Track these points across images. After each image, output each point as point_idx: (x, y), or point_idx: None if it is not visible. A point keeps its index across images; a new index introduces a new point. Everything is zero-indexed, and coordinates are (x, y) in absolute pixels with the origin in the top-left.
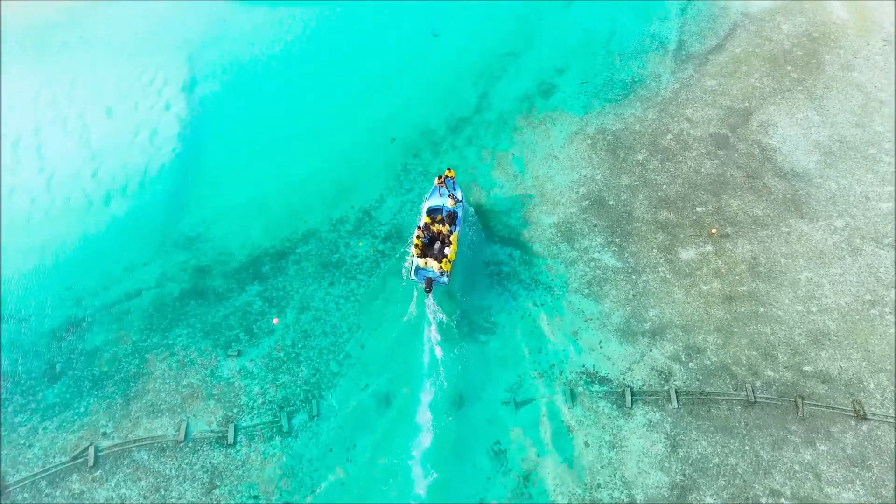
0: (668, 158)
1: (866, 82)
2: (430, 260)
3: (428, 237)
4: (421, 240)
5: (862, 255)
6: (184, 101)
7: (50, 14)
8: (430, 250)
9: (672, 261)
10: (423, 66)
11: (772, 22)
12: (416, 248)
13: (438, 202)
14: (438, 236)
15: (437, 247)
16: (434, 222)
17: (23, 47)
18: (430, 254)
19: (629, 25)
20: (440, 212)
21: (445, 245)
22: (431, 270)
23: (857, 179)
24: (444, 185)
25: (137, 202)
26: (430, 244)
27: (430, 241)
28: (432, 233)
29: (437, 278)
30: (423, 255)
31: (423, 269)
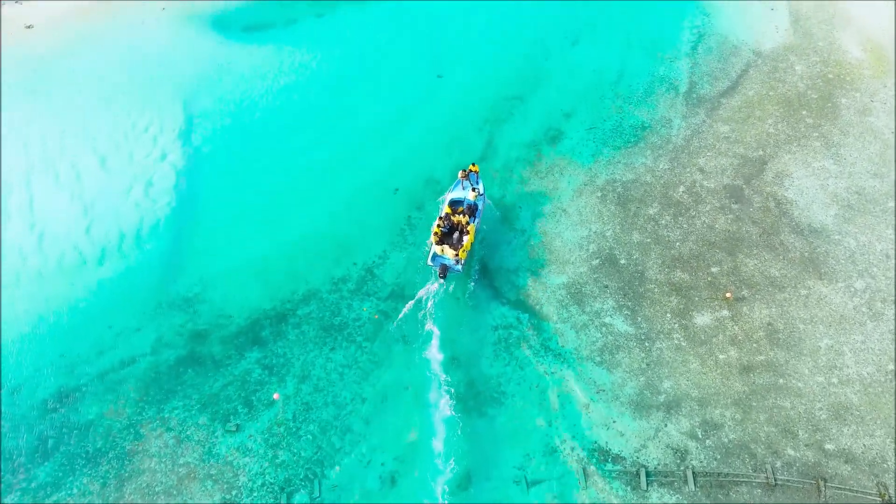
0: (681, 213)
1: (883, 128)
2: (447, 248)
3: (448, 226)
4: (441, 228)
5: (883, 319)
6: (179, 150)
7: (41, 57)
8: (448, 239)
9: (687, 326)
10: (428, 111)
11: (785, 62)
12: (434, 236)
13: (461, 194)
14: (458, 226)
15: (456, 236)
16: (455, 213)
17: (12, 93)
18: (448, 242)
19: (638, 65)
20: (461, 204)
21: (463, 235)
22: (447, 258)
23: (878, 236)
24: (467, 179)
25: (132, 260)
26: (450, 233)
27: (449, 230)
28: (452, 223)
29: (453, 266)
30: (441, 242)
31: (440, 257)
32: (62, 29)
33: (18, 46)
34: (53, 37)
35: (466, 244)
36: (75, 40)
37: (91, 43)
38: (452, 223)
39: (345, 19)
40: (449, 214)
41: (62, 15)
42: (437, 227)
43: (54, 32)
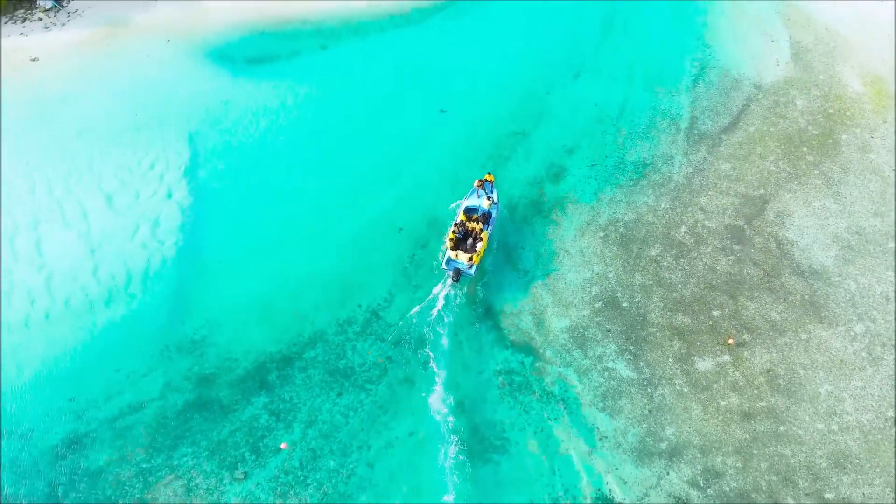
0: (683, 254)
1: (884, 165)
2: (461, 253)
3: (462, 233)
4: (456, 234)
5: (883, 365)
6: (185, 189)
7: (47, 90)
8: (462, 244)
9: (689, 372)
10: (431, 147)
11: (786, 96)
12: (449, 241)
13: (475, 202)
14: (472, 232)
15: (470, 242)
16: (469, 220)
17: (19, 129)
18: (462, 247)
19: (640, 99)
20: (476, 211)
21: (477, 241)
22: (461, 262)
23: (878, 278)
24: (482, 188)
25: (139, 302)
26: (464, 239)
27: (463, 236)
28: (467, 229)
29: (466, 270)
30: (456, 247)
31: (454, 261)
32: (67, 61)
33: (24, 79)
34: (58, 69)
35: (480, 250)
36: (80, 73)
37: (96, 76)
38: (467, 230)
39: (348, 51)
40: (464, 221)
41: (66, 47)
42: (453, 233)
43: (59, 65)
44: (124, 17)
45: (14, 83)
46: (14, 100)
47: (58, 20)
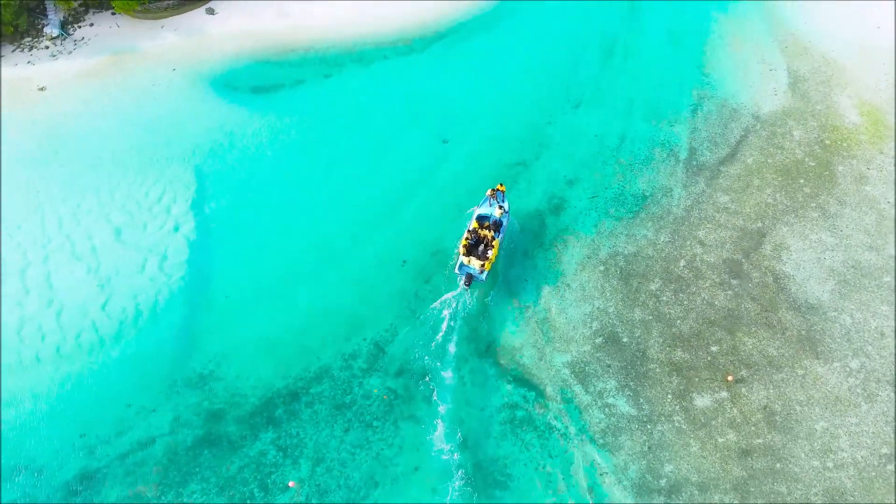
0: (682, 289)
1: (880, 197)
2: (474, 259)
3: (474, 239)
4: (468, 241)
5: (877, 401)
6: (192, 222)
7: (55, 121)
8: (474, 251)
9: (687, 409)
10: (434, 178)
11: (783, 127)
12: (462, 248)
13: (487, 211)
14: (483, 240)
15: (481, 249)
16: (482, 227)
17: (29, 161)
18: (474, 253)
19: (639, 130)
20: (488, 219)
21: (488, 248)
22: (473, 268)
23: (873, 312)
24: (494, 197)
25: (149, 337)
26: (476, 245)
27: (475, 242)
28: (479, 236)
29: (477, 275)
30: (469, 253)
31: (466, 266)
32: (75, 91)
33: (33, 109)
34: (66, 99)
35: (492, 257)
36: (88, 103)
37: (104, 106)
38: (479, 236)
39: (352, 80)
40: (476, 229)
41: (74, 76)
42: (465, 240)
43: (67, 94)
44: (131, 45)
45: (23, 113)
46: (23, 130)
47: (64, 48)
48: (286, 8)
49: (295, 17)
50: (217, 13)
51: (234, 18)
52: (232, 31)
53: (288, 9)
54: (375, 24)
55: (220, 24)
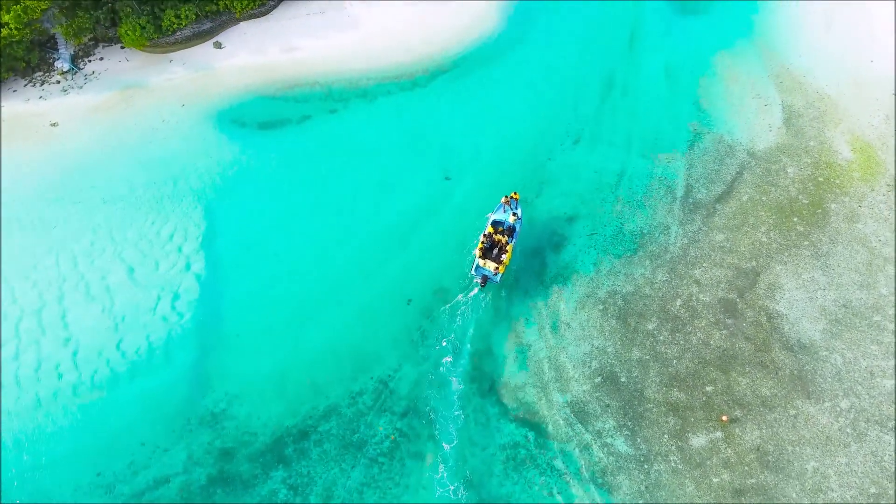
0: (678, 328)
1: (871, 235)
2: (489, 261)
3: (489, 243)
4: (484, 245)
5: (867, 441)
6: (202, 260)
7: (67, 157)
8: (490, 254)
9: (683, 448)
10: (437, 215)
11: (778, 164)
12: (478, 251)
13: (502, 217)
14: (498, 244)
15: (496, 252)
16: (496, 232)
17: (42, 200)
18: (489, 256)
19: (637, 166)
20: (503, 224)
21: (503, 252)
22: (488, 270)
23: (863, 352)
24: (508, 204)
25: (162, 376)
26: (491, 249)
27: (490, 246)
28: (493, 240)
29: (492, 277)
30: (484, 256)
31: (482, 269)
32: (86, 126)
33: (45, 145)
34: (78, 135)
35: (506, 260)
36: (100, 140)
37: (115, 142)
38: (494, 241)
39: (356, 116)
40: (491, 233)
41: (85, 111)
42: (481, 243)
43: (79, 130)
44: (140, 80)
45: (36, 149)
46: (37, 167)
47: (75, 83)
48: (292, 42)
49: (300, 52)
50: (224, 47)
51: (242, 53)
52: (239, 66)
53: (293, 43)
54: (379, 58)
55: (227, 59)
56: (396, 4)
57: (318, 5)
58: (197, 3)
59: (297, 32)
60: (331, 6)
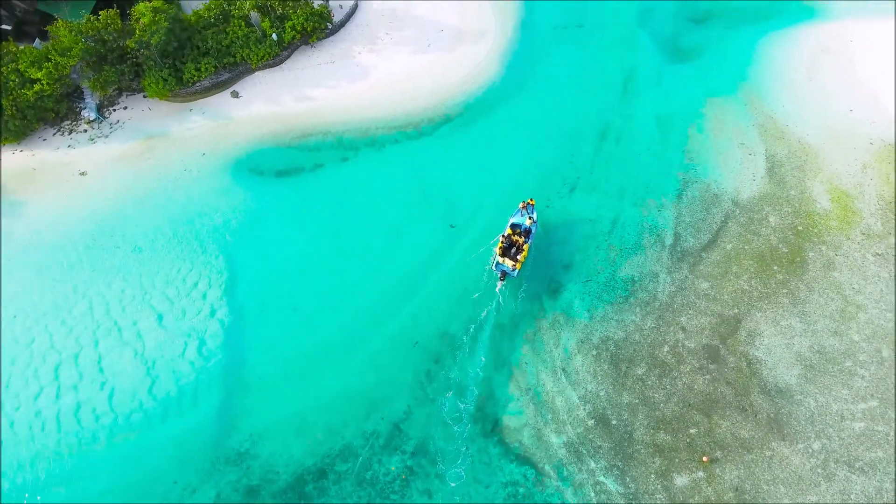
0: (665, 374)
1: (845, 283)
2: (507, 259)
3: (508, 243)
4: (503, 245)
5: (835, 480)
6: (226, 307)
7: (96, 206)
8: (508, 252)
9: (668, 487)
10: (442, 262)
11: (760, 213)
12: (499, 249)
13: (520, 220)
14: (515, 244)
15: (514, 251)
16: (514, 234)
17: (75, 248)
18: (508, 255)
19: (629, 214)
20: (520, 227)
21: (519, 251)
22: (507, 266)
23: (834, 396)
24: (525, 209)
25: (191, 417)
26: (509, 248)
27: (509, 246)
28: (511, 241)
29: (510, 272)
30: (504, 254)
31: (501, 265)
32: (113, 175)
33: (76, 194)
34: (106, 184)
35: (521, 258)
36: (127, 188)
37: (141, 191)
38: (512, 241)
39: (366, 164)
40: (510, 235)
41: (112, 161)
42: (501, 243)
43: (106, 179)
44: (162, 129)
45: (67, 197)
46: (69, 215)
47: (101, 132)
48: (304, 91)
49: (312, 101)
50: (241, 96)
51: (257, 102)
52: (255, 115)
53: (306, 92)
54: (386, 107)
55: (244, 108)
56: (402, 54)
57: (328, 55)
58: (215, 56)
59: (310, 82)
60: (340, 56)
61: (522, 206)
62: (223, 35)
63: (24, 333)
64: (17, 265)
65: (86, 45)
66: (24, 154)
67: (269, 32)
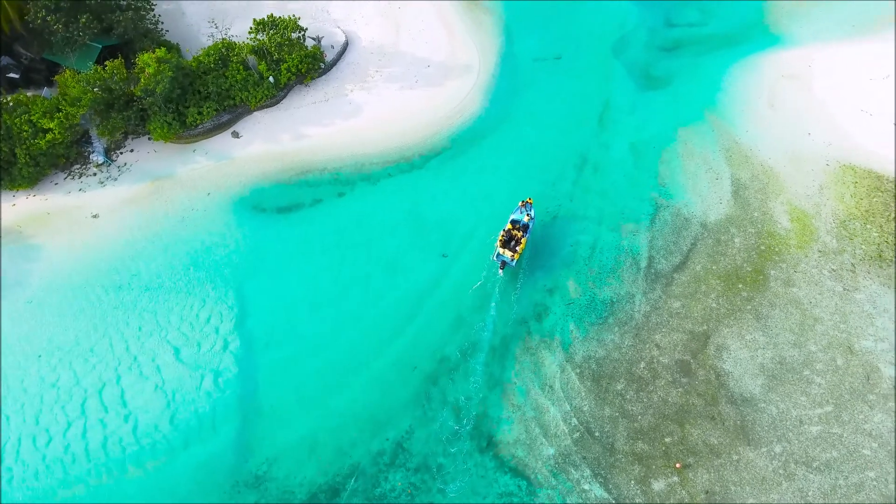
0: (642, 388)
1: (803, 298)
2: (507, 250)
3: (508, 237)
4: (503, 237)
5: (795, 479)
6: (238, 339)
7: (113, 252)
8: (508, 244)
9: (646, 492)
10: (436, 290)
11: (726, 234)
12: (499, 241)
13: (519, 216)
14: (515, 237)
15: (513, 244)
16: (514, 228)
17: (94, 289)
18: (508, 247)
19: (607, 239)
20: (519, 222)
21: (518, 244)
22: (507, 256)
23: (794, 403)
24: (524, 207)
25: (211, 444)
26: (509, 241)
27: (509, 239)
28: (511, 235)
29: (510, 262)
30: (504, 246)
31: (502, 255)
32: (124, 217)
33: (91, 237)
34: (117, 226)
35: (520, 249)
36: (138, 229)
37: (152, 232)
38: (511, 234)
39: (362, 197)
40: (510, 229)
41: (122, 203)
42: (502, 236)
43: (117, 221)
44: (168, 170)
45: (81, 240)
46: (85, 257)
47: (110, 174)
48: (301, 130)
49: (309, 139)
50: (241, 136)
51: (257, 141)
52: (255, 154)
53: (302, 131)
54: (379, 143)
55: (244, 147)
56: (392, 90)
57: (322, 93)
58: (216, 100)
59: (306, 120)
60: (333, 94)
61: (521, 205)
62: (223, 79)
63: (50, 372)
64: (39, 306)
65: (94, 94)
66: (37, 199)
67: (266, 75)
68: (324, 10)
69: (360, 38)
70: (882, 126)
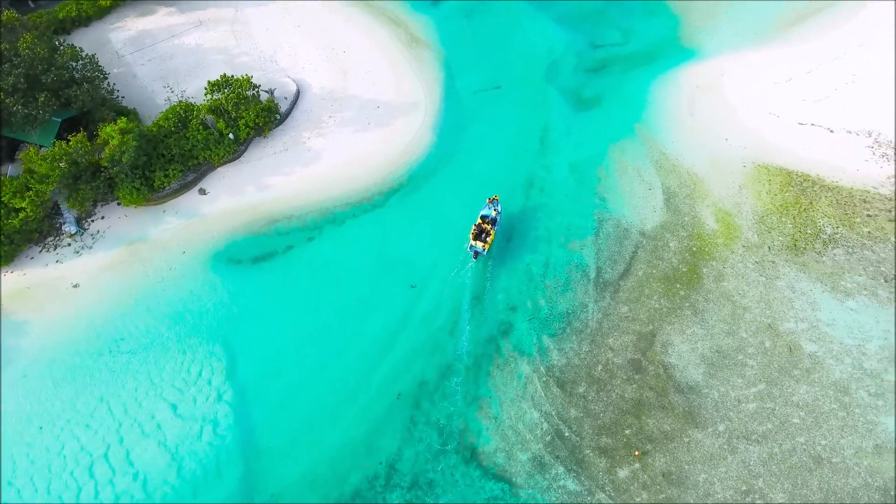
0: (602, 388)
1: (733, 290)
2: (479, 242)
3: (479, 230)
4: (475, 231)
5: (738, 452)
6: (230, 390)
7: (97, 320)
8: (480, 237)
9: (613, 480)
10: (408, 321)
11: (662, 240)
12: (472, 234)
13: (487, 212)
14: (485, 230)
15: (483, 235)
16: (484, 222)
17: (83, 358)
18: (479, 238)
19: (558, 256)
20: (488, 217)
21: (487, 235)
22: (479, 247)
23: (732, 385)
24: (492, 203)
25: (218, 491)
26: (480, 234)
27: (479, 232)
28: (481, 228)
29: (481, 251)
30: (476, 238)
31: (474, 246)
32: (104, 284)
33: (72, 307)
34: (99, 293)
35: (489, 241)
36: (119, 295)
37: (133, 296)
38: (482, 228)
39: (329, 241)
40: (480, 223)
41: (100, 270)
42: (473, 230)
43: (98, 288)
44: (141, 233)
45: (65, 311)
46: (70, 326)
47: (84, 243)
48: (264, 181)
49: (274, 189)
50: (208, 192)
51: (223, 196)
52: (223, 209)
53: (266, 181)
54: (340, 186)
55: (212, 203)
56: (346, 134)
57: (281, 143)
58: (180, 161)
59: (268, 171)
60: (292, 143)
61: (489, 201)
62: (185, 140)
63: (54, 442)
64: (33, 380)
65: (61, 169)
66: (14, 275)
67: (225, 132)
68: (271, 61)
69: (311, 86)
70: (788, 126)
